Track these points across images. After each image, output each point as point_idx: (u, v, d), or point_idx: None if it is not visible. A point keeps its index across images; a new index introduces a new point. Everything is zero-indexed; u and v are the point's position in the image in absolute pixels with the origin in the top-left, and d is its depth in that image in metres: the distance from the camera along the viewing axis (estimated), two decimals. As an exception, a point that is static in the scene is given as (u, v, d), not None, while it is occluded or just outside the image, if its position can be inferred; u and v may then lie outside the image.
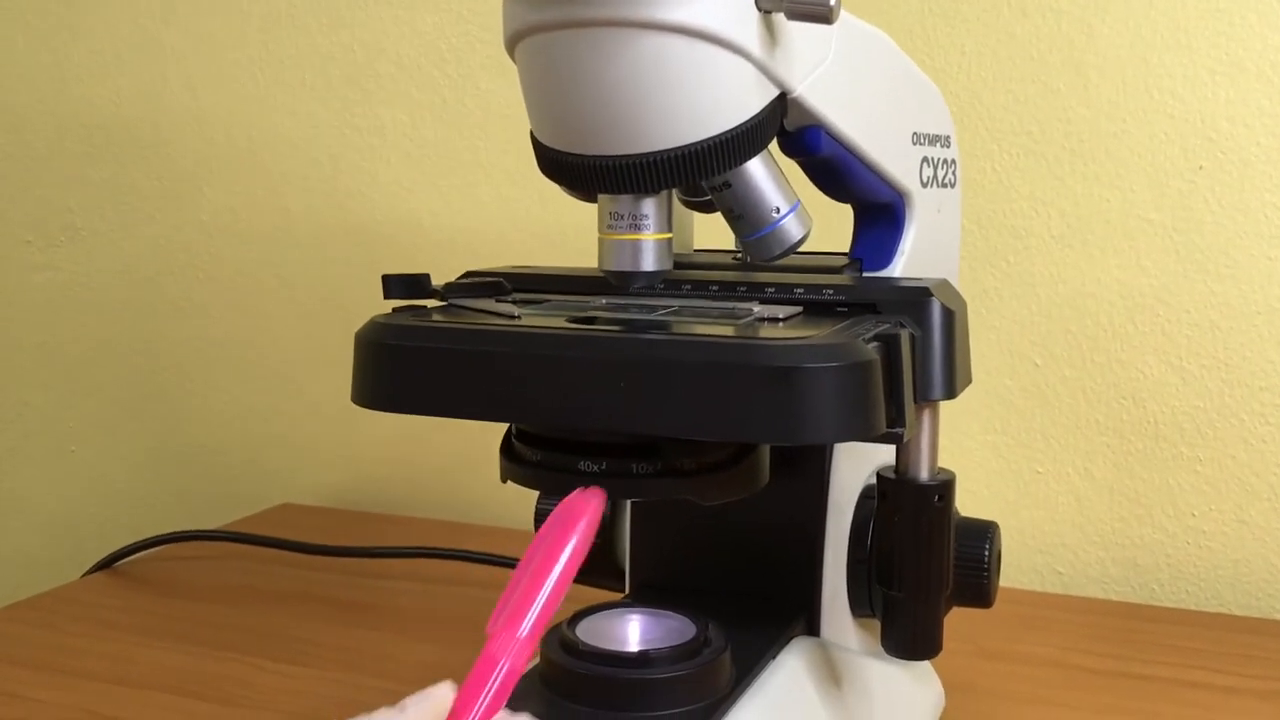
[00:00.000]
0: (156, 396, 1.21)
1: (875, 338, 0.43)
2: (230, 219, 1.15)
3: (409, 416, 1.06)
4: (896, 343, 0.43)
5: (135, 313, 1.20)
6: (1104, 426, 0.88)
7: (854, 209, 0.58)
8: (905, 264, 0.58)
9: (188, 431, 1.20)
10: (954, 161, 0.62)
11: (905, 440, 0.44)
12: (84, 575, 0.92)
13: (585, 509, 0.39)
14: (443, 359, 0.44)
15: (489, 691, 0.36)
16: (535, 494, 0.63)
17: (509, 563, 0.88)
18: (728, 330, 0.44)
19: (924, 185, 0.58)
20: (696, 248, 0.66)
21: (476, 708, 0.36)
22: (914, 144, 0.57)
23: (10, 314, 1.25)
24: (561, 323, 0.46)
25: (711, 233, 0.64)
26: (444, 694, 0.37)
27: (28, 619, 0.82)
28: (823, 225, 0.51)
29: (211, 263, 1.16)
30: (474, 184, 1.05)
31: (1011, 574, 0.90)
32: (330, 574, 0.90)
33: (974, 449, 0.91)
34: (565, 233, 1.01)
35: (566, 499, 0.40)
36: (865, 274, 0.57)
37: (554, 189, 1.04)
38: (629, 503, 0.61)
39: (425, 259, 1.06)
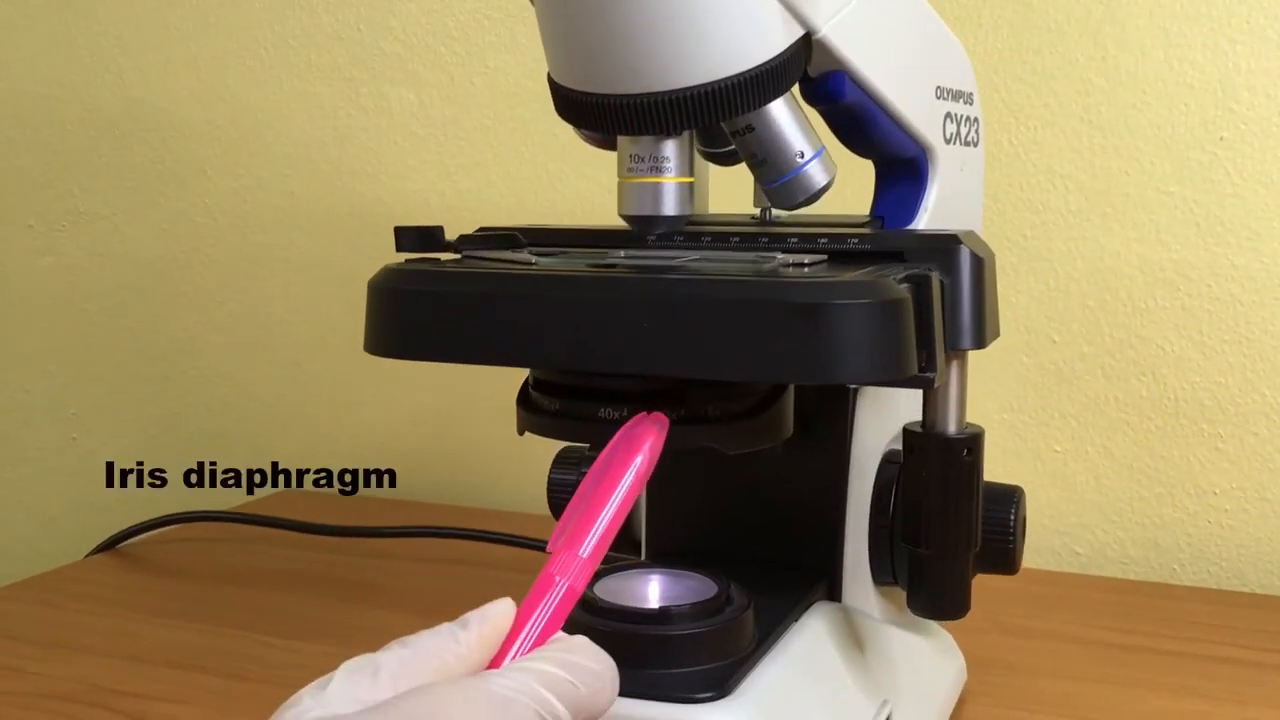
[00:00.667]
0: (159, 381, 1.19)
1: (906, 279, 0.42)
2: (234, 202, 1.13)
3: (416, 397, 1.05)
4: (928, 284, 0.42)
5: (138, 297, 1.19)
6: (1123, 404, 0.86)
7: (876, 165, 0.57)
8: (927, 223, 0.56)
9: (191, 416, 1.19)
10: (977, 120, 0.61)
11: (935, 386, 0.43)
12: (87, 556, 0.90)
13: (649, 433, 0.38)
14: (458, 303, 0.43)
15: (546, 610, 0.35)
16: (544, 474, 0.62)
17: (513, 541, 0.86)
18: (752, 273, 0.43)
19: (947, 141, 0.57)
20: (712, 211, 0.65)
21: (532, 624, 0.35)
22: (938, 98, 0.56)
23: (13, 299, 1.24)
24: (580, 268, 0.45)
25: (728, 199, 0.63)
26: (504, 610, 0.35)
27: (29, 597, 0.80)
28: (843, 186, 0.50)
29: (215, 246, 1.15)
30: (482, 163, 1.03)
31: (1030, 555, 0.87)
32: (335, 554, 0.88)
33: (991, 428, 0.88)
34: (575, 212, 0.99)
35: (629, 423, 0.38)
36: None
37: (563, 166, 1.03)
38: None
39: (432, 240, 1.05)
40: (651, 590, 0.49)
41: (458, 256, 0.50)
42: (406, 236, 0.50)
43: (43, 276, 1.22)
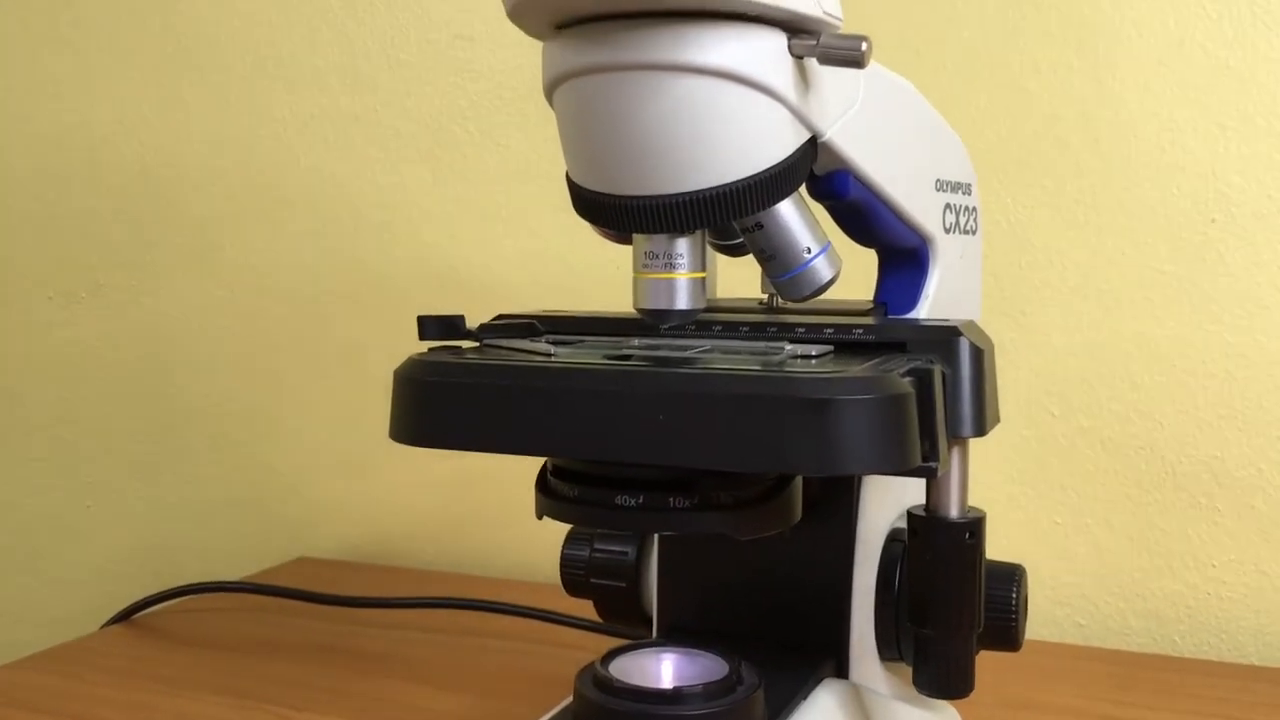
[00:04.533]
0: (174, 452, 1.21)
1: (909, 372, 0.44)
2: (251, 277, 1.16)
3: (424, 469, 1.06)
4: (930, 377, 0.44)
5: (155, 369, 1.21)
6: (1123, 477, 0.88)
7: (879, 254, 0.59)
8: (929, 308, 0.58)
9: (204, 487, 1.20)
10: (975, 209, 0.63)
11: (939, 474, 0.45)
12: (103, 626, 0.91)
13: None
14: (481, 394, 0.45)
15: None
16: (558, 546, 0.64)
17: (526, 613, 0.88)
18: (761, 367, 0.45)
19: (947, 231, 0.59)
20: (720, 296, 0.67)
21: None
22: (937, 190, 0.58)
23: (31, 369, 1.26)
24: (597, 359, 0.47)
25: (736, 283, 0.65)
26: None
27: (49, 669, 0.82)
28: (848, 272, 0.52)
29: (232, 320, 1.17)
30: (495, 238, 1.06)
31: (1032, 626, 0.89)
32: (350, 625, 0.90)
33: (993, 500, 0.91)
34: (584, 286, 1.02)
35: None
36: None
37: (575, 243, 1.06)
38: (656, 548, 0.61)
39: (445, 313, 1.07)
40: (664, 670, 0.50)
41: (478, 345, 0.52)
42: (429, 325, 0.52)
43: (61, 347, 1.24)
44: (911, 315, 0.58)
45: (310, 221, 1.13)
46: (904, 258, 0.59)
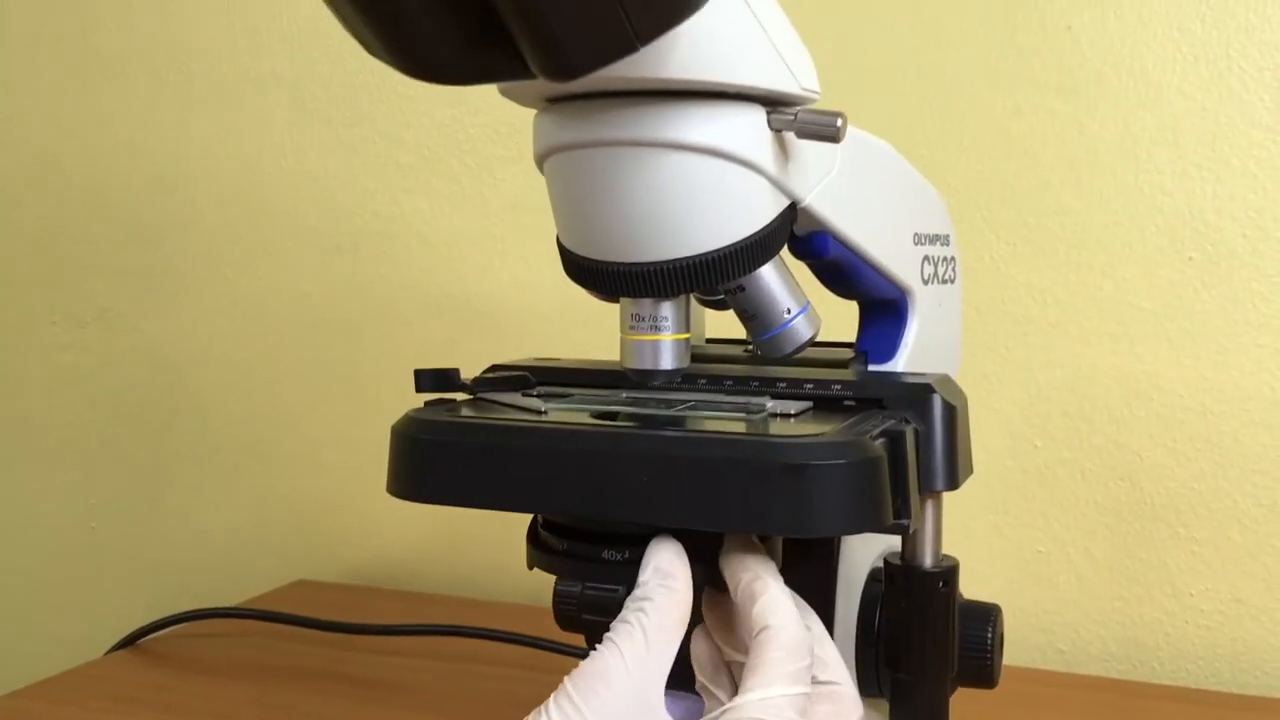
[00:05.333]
0: (176, 475, 1.23)
1: (882, 434, 0.46)
2: (252, 303, 1.18)
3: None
4: (902, 439, 0.46)
5: (157, 393, 1.23)
6: (1102, 507, 0.90)
7: (859, 304, 0.62)
8: (909, 356, 0.61)
9: (206, 509, 1.23)
10: (953, 259, 0.66)
11: (910, 532, 0.47)
12: (107, 653, 0.94)
13: None
14: (474, 453, 0.47)
15: None
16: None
17: (522, 641, 0.90)
18: (742, 427, 0.47)
19: (925, 282, 0.62)
20: (708, 337, 0.69)
21: None
22: (915, 244, 0.61)
23: (35, 392, 1.28)
24: (585, 418, 0.49)
25: (723, 323, 0.68)
26: None
27: (54, 696, 0.84)
28: (832, 315, 0.55)
29: (234, 346, 1.20)
30: (492, 269, 1.08)
31: (1014, 652, 0.92)
32: (350, 652, 0.92)
33: (976, 529, 0.94)
34: (576, 313, 1.04)
35: None
36: (871, 367, 0.60)
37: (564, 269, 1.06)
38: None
39: (443, 341, 1.10)
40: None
41: (472, 397, 0.54)
42: (425, 378, 0.54)
43: (64, 372, 1.27)
44: (890, 364, 0.60)
45: (311, 250, 1.15)
46: (883, 308, 0.61)
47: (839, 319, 0.60)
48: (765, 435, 0.45)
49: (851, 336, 0.62)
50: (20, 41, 1.25)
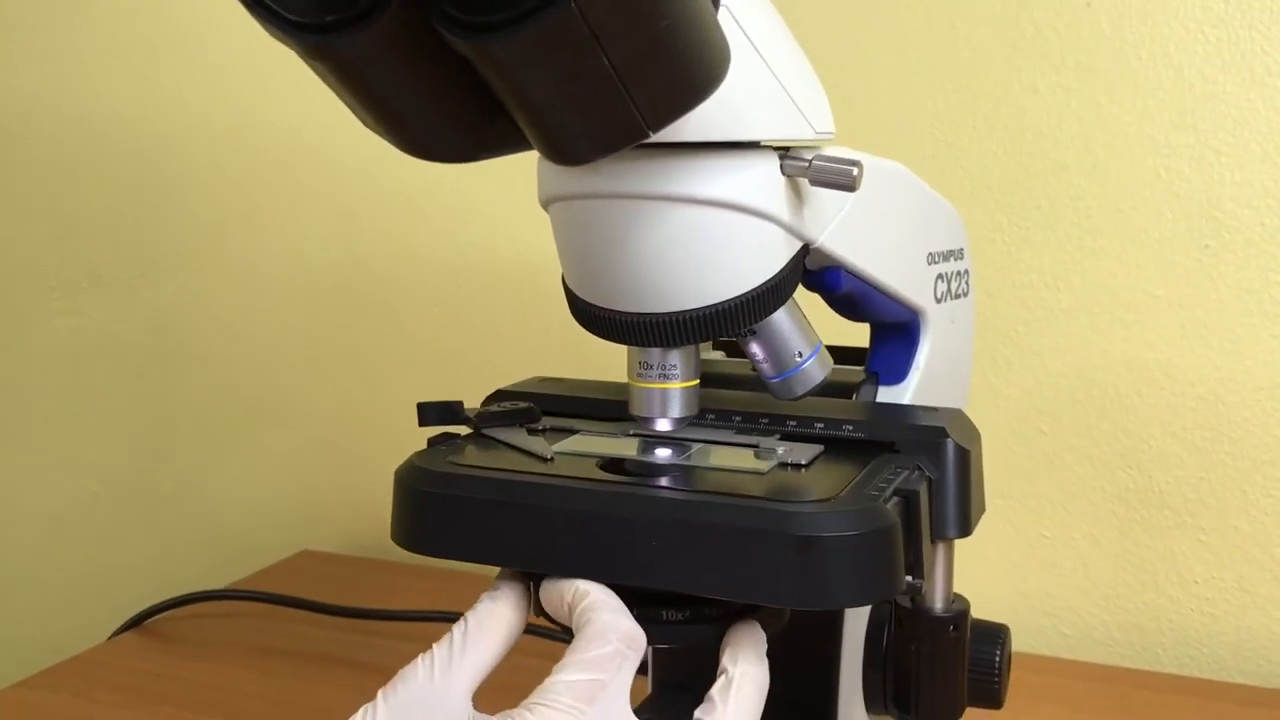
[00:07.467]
0: (178, 442, 1.23)
1: (895, 493, 0.45)
2: (248, 269, 1.17)
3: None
4: (916, 500, 0.45)
5: (157, 360, 1.22)
6: (1110, 494, 0.90)
7: (871, 326, 0.60)
8: (920, 378, 0.60)
9: (206, 480, 1.22)
10: (967, 271, 0.64)
11: (922, 590, 0.46)
12: (112, 636, 0.94)
13: None
14: (476, 509, 0.46)
15: None
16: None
17: (536, 631, 0.89)
18: (752, 483, 0.46)
19: (938, 301, 0.60)
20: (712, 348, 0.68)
21: None
22: (929, 264, 0.59)
23: (34, 359, 1.27)
24: (592, 468, 0.48)
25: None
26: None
27: (61, 686, 0.84)
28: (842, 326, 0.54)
29: (231, 312, 1.18)
30: (490, 237, 1.07)
31: (1020, 636, 0.92)
32: (356, 634, 0.92)
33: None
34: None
35: None
36: (882, 387, 0.59)
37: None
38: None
39: (439, 311, 1.08)
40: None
41: (476, 433, 0.53)
42: (429, 412, 0.54)
43: (63, 337, 1.25)
44: (903, 385, 0.59)
45: (312, 217, 1.13)
46: (895, 330, 0.60)
47: (849, 322, 0.59)
48: (777, 501, 0.44)
49: (861, 341, 0.61)
50: (12, 6, 1.21)
